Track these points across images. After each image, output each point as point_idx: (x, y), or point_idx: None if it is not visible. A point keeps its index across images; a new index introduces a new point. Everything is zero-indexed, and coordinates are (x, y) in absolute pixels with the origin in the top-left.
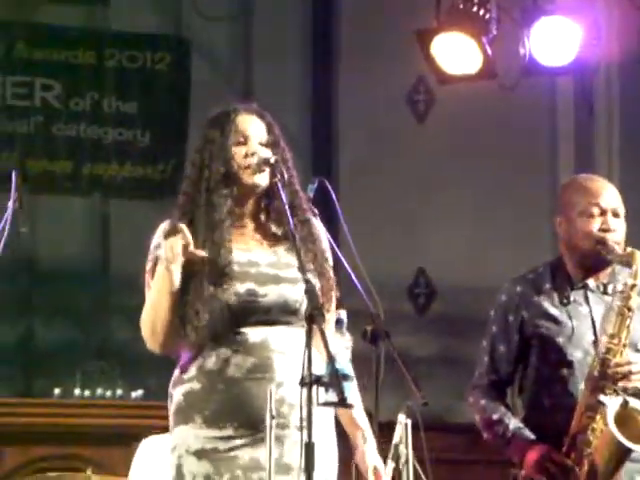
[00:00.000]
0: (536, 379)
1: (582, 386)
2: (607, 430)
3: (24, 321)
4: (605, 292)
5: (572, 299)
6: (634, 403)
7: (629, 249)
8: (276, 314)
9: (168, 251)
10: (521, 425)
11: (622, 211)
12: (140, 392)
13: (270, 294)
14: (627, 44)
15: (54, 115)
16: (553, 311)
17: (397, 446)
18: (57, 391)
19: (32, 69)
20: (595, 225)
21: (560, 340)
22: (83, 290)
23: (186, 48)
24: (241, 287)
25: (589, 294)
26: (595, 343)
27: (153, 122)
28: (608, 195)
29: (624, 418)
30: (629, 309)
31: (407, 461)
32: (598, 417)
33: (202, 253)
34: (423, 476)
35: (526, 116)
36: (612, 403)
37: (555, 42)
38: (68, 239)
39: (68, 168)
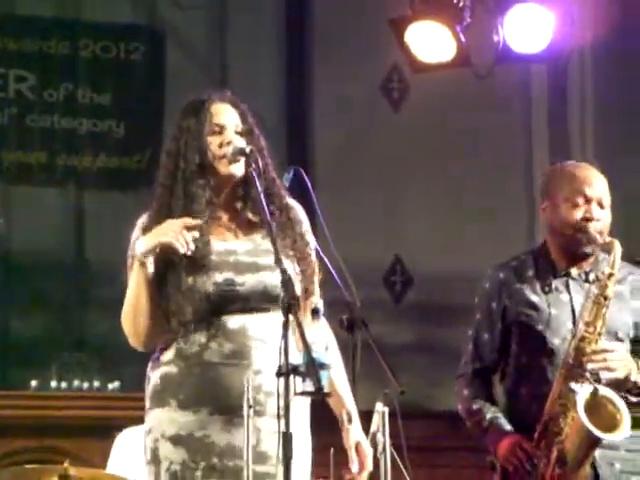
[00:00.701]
0: (516, 367)
1: (557, 375)
2: (577, 418)
3: (0, 313)
4: (587, 280)
5: (554, 287)
6: (604, 391)
7: (608, 238)
8: (255, 302)
9: (168, 228)
10: (498, 415)
11: (607, 201)
12: (117, 384)
13: (248, 282)
14: (600, 31)
15: (28, 106)
16: (534, 298)
17: (375, 434)
18: (34, 383)
19: (5, 60)
20: (578, 213)
21: (539, 327)
22: (59, 281)
23: (161, 38)
24: (219, 276)
25: (570, 282)
26: (574, 335)
27: (128, 113)
28: (595, 184)
29: (594, 406)
30: (605, 297)
31: (384, 449)
32: (569, 404)
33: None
34: (401, 464)
35: (500, 103)
36: (582, 391)
37: (528, 29)
38: (43, 230)
39: (43, 159)
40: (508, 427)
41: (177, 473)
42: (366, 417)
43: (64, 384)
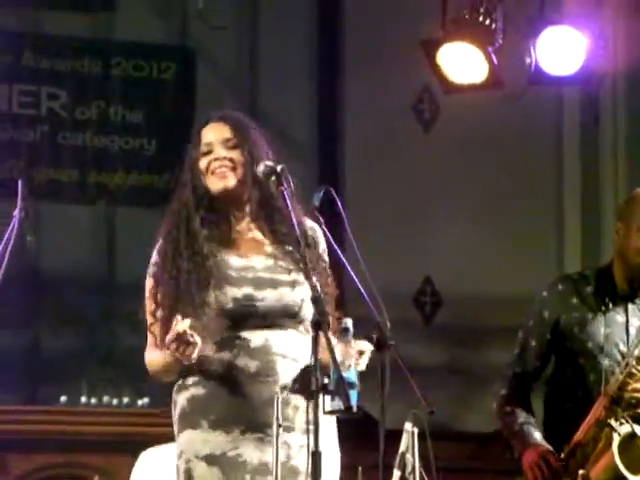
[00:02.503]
0: (561, 380)
1: (600, 397)
2: (609, 455)
3: (30, 329)
4: None
5: (611, 307)
6: None
7: None
8: (274, 318)
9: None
10: (531, 420)
11: None
12: (146, 400)
13: (268, 298)
14: (633, 54)
15: (60, 124)
16: (589, 316)
17: (403, 455)
18: (63, 398)
19: (38, 78)
20: None
21: (590, 346)
22: (89, 298)
23: (192, 57)
24: (239, 292)
25: (629, 305)
26: (624, 356)
27: (159, 131)
28: None
29: (628, 446)
30: None
31: (413, 470)
32: (603, 436)
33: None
34: None
35: (532, 126)
36: (620, 430)
37: (561, 52)
38: (74, 248)
39: (74, 177)
40: (537, 434)
41: None
42: (395, 437)
43: (94, 400)
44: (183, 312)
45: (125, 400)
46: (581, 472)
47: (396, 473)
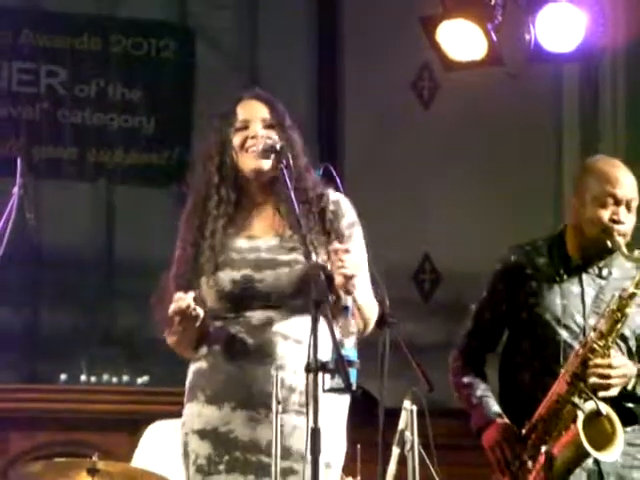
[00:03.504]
0: (518, 352)
1: (562, 371)
2: (574, 433)
3: (30, 307)
4: (600, 275)
5: (565, 277)
6: (605, 410)
7: (637, 252)
8: (276, 298)
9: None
10: (488, 394)
11: (636, 204)
12: (146, 378)
13: (267, 279)
14: (632, 30)
15: (59, 101)
16: (545, 287)
17: (403, 432)
18: (63, 377)
19: (37, 56)
20: (606, 213)
21: (548, 317)
22: (88, 276)
23: (191, 35)
24: (238, 274)
25: (583, 275)
26: (584, 328)
27: (158, 109)
28: (626, 186)
29: (592, 421)
30: (624, 315)
31: (412, 447)
32: (565, 411)
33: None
34: (429, 462)
35: (531, 102)
36: (585, 408)
37: (561, 28)
38: (73, 225)
39: (73, 155)
40: (496, 408)
41: (203, 467)
42: (394, 415)
43: (93, 378)
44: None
45: (125, 378)
46: (544, 448)
47: (395, 450)
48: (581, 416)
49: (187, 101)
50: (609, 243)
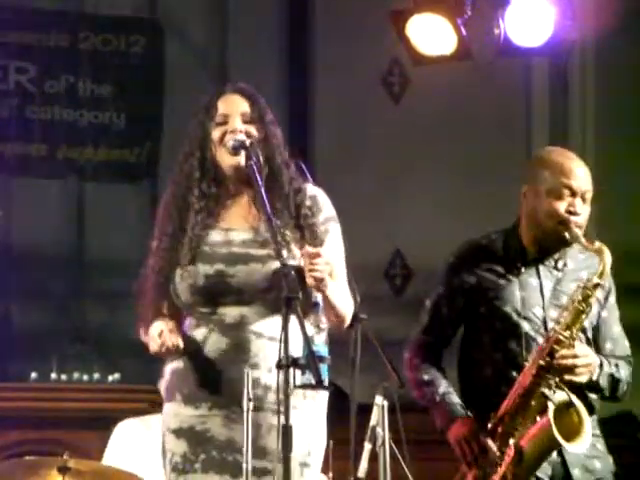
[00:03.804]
0: (478, 346)
1: (526, 364)
2: (544, 424)
3: (0, 305)
4: (556, 267)
5: (523, 270)
6: (576, 402)
7: (597, 244)
8: (249, 293)
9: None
10: (451, 390)
11: (590, 195)
12: (117, 376)
13: (239, 274)
14: (601, 24)
15: (29, 98)
16: (502, 280)
17: (374, 428)
18: (34, 375)
19: (6, 52)
20: (562, 205)
21: (508, 310)
22: (59, 273)
23: (160, 30)
24: (210, 269)
25: (540, 267)
26: (545, 319)
27: (128, 105)
28: (581, 177)
29: (561, 414)
30: (588, 305)
31: (384, 443)
32: (532, 404)
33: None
34: (400, 457)
35: (501, 97)
36: (555, 399)
37: (530, 22)
38: (43, 222)
39: (43, 151)
40: (459, 405)
41: (178, 465)
42: (365, 410)
43: (64, 376)
44: (159, 286)
45: (95, 376)
46: (512, 441)
47: (367, 446)
48: (552, 407)
49: (157, 97)
50: (567, 235)
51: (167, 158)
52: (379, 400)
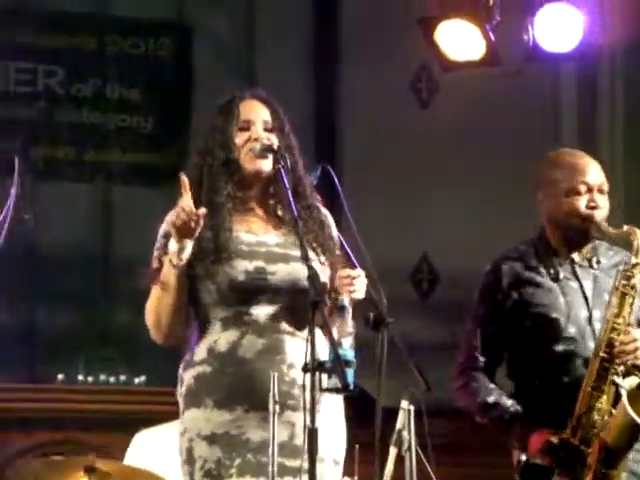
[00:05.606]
0: (531, 358)
1: (584, 365)
2: (620, 411)
3: (27, 307)
4: (591, 266)
5: (561, 275)
6: None
7: (626, 227)
8: (285, 293)
9: (176, 219)
10: (519, 407)
11: (607, 187)
12: (143, 378)
13: (279, 272)
14: (630, 30)
15: (57, 101)
16: (543, 289)
17: (400, 432)
18: (60, 377)
19: (35, 55)
20: (582, 202)
21: (554, 315)
22: (86, 276)
23: (188, 34)
24: (250, 265)
25: (577, 269)
26: (590, 319)
27: (156, 108)
28: (594, 172)
29: (636, 398)
30: (632, 287)
31: (410, 447)
32: (604, 397)
33: (202, 210)
34: (426, 462)
35: (529, 103)
36: (626, 384)
37: (558, 28)
38: (71, 225)
39: (71, 154)
40: (519, 412)
41: (212, 471)
42: (392, 415)
43: (90, 378)
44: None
45: (122, 378)
46: (595, 439)
47: (392, 450)
48: (624, 393)
49: (185, 100)
50: (593, 230)
51: None
52: (405, 404)
